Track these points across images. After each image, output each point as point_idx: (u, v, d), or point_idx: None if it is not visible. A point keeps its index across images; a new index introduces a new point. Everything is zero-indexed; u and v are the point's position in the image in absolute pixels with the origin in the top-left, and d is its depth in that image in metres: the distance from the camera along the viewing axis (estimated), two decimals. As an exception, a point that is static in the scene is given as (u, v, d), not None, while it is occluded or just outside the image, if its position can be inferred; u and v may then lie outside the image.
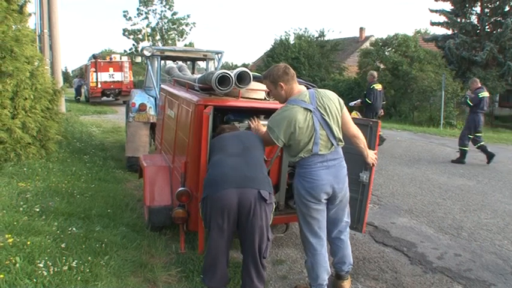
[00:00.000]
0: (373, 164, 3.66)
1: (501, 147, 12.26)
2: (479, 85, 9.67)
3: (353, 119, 3.47)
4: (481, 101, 9.31)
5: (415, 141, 12.59)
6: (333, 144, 3.16)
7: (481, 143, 9.42)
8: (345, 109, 3.30)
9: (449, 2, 24.42)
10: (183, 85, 4.89)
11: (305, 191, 3.17)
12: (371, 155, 3.57)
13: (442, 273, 4.05)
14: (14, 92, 6.35)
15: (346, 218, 3.46)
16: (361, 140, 3.41)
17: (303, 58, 26.70)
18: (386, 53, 23.45)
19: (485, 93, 9.43)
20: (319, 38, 29.56)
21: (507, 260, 4.34)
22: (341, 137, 3.22)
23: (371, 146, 3.71)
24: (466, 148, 9.44)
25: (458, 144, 9.62)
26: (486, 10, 23.19)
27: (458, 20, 24.05)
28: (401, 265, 4.21)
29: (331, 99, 3.20)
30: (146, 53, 7.34)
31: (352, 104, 11.00)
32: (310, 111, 3.09)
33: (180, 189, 3.69)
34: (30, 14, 7.65)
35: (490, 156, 9.32)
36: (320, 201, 3.19)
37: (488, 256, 4.44)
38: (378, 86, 10.53)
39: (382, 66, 23.20)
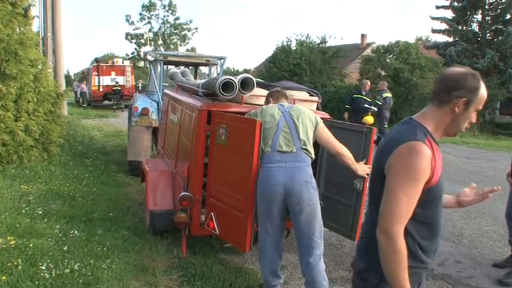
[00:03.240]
0: (367, 174, 3.58)
1: (502, 154, 12.25)
2: (385, 87, 12.36)
3: (346, 124, 3.52)
4: (384, 100, 11.61)
5: (416, 148, 12.57)
6: (295, 144, 3.22)
7: (380, 136, 10.69)
8: (322, 126, 3.39)
9: (450, 10, 24.48)
10: (186, 90, 4.92)
11: (260, 193, 3.22)
12: (362, 168, 3.50)
13: (442, 280, 4.05)
14: (17, 95, 6.40)
15: (317, 238, 3.21)
16: (347, 156, 3.38)
17: (304, 64, 26.71)
18: (387, 60, 23.49)
19: (387, 94, 11.90)
20: (321, 45, 29.61)
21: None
22: (307, 144, 3.28)
23: (365, 155, 3.64)
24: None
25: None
26: (487, 18, 23.25)
27: (460, 27, 24.12)
28: (402, 272, 4.21)
29: (304, 111, 3.38)
30: (149, 57, 7.38)
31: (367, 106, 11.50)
32: (282, 111, 3.32)
33: (182, 193, 3.71)
34: (34, 17, 7.72)
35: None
36: (272, 206, 3.17)
37: (489, 263, 4.44)
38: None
39: (383, 73, 23.24)
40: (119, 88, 22.07)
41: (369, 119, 11.18)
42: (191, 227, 3.77)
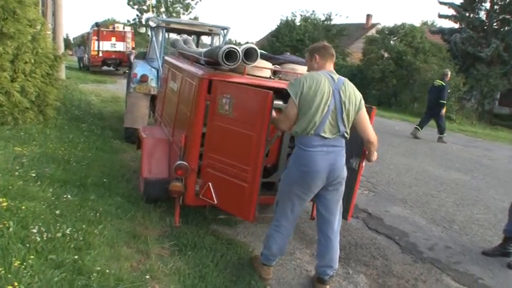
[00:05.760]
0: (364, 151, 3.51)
1: (498, 145, 12.30)
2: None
3: None
4: None
5: (413, 133, 12.58)
6: (339, 131, 3.06)
7: None
8: (364, 110, 3.18)
9: (459, -4, 24.20)
10: (187, 58, 4.83)
11: (297, 175, 3.09)
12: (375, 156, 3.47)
13: (431, 264, 4.08)
14: (14, 55, 6.26)
15: (338, 216, 3.31)
16: (375, 145, 3.28)
17: (307, 41, 26.45)
18: (391, 42, 23.27)
19: None
20: (326, 22, 29.29)
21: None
22: (348, 128, 3.11)
23: None
24: None
25: None
26: (496, 7, 22.97)
27: (467, 14, 23.85)
28: (392, 253, 4.25)
29: (355, 93, 3.13)
30: (152, 23, 7.23)
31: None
32: (332, 89, 3.02)
33: (178, 162, 3.67)
34: (33, -24, 7.50)
35: None
36: (309, 190, 3.12)
37: (478, 250, 4.47)
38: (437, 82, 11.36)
39: (386, 54, 23.04)
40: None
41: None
42: (185, 196, 3.74)
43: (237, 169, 3.41)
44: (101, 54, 22.09)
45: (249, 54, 3.58)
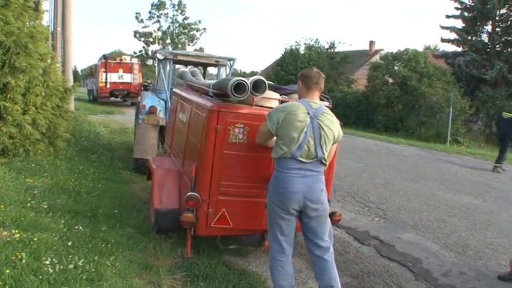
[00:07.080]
0: None
1: (507, 167, 12.18)
2: None
3: None
4: None
5: (421, 157, 12.54)
6: (316, 157, 3.16)
7: None
8: (336, 144, 3.41)
9: (460, 20, 24.51)
10: (196, 90, 4.91)
11: (275, 196, 3.20)
12: None
13: (446, 291, 4.03)
14: (26, 88, 6.38)
15: (327, 238, 3.33)
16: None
17: (312, 68, 26.71)
18: (395, 67, 23.45)
19: None
20: (329, 50, 29.65)
21: (513, 281, 4.30)
22: (326, 157, 3.23)
23: None
24: None
25: None
26: (497, 29, 23.22)
27: (469, 37, 24.09)
28: (406, 280, 4.19)
29: (334, 123, 3.28)
30: (159, 56, 7.39)
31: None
32: (310, 116, 3.15)
33: (189, 193, 3.69)
34: (44, 12, 7.72)
35: None
36: (288, 211, 3.18)
37: (493, 275, 4.41)
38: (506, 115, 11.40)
39: (391, 80, 23.19)
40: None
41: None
42: (197, 227, 3.75)
43: (256, 189, 3.66)
44: (108, 86, 22.44)
45: (258, 86, 3.64)
